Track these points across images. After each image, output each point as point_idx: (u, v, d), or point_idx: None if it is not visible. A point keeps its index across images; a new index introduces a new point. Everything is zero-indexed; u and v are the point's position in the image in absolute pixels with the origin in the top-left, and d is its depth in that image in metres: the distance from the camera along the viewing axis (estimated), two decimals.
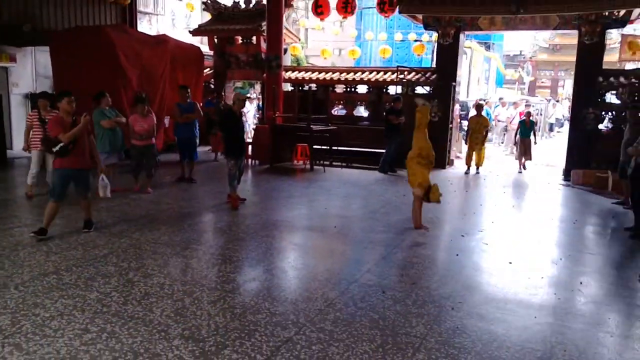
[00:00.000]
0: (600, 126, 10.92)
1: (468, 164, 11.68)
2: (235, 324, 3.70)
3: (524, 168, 12.37)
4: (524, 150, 12.29)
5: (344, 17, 13.12)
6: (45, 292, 4.17)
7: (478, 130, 11.54)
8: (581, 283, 4.77)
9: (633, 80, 10.34)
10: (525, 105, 18.63)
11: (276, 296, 4.28)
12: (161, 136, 11.43)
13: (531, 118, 12.96)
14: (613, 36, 20.15)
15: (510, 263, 5.29)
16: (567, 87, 35.67)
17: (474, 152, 11.62)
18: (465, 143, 12.69)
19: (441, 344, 3.49)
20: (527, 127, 12.39)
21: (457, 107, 13.44)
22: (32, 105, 11.38)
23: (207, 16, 15.50)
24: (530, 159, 12.46)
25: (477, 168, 11.72)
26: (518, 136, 12.54)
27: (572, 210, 8.19)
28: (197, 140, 9.45)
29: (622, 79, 10.61)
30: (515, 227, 6.97)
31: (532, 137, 12.35)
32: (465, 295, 4.41)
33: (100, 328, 3.57)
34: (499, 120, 18.33)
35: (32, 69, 12.81)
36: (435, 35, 19.20)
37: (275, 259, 5.49)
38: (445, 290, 4.49)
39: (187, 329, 3.59)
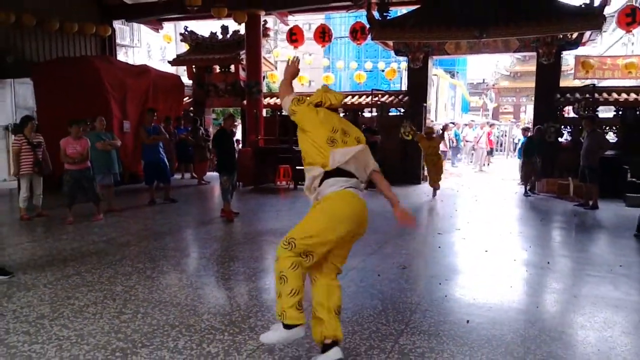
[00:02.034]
0: (560, 139, 11.90)
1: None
2: (254, 302, 4.22)
3: (532, 193, 10.98)
4: (532, 170, 11.07)
5: (323, 46, 13.93)
6: (73, 288, 4.58)
7: (431, 153, 10.74)
8: (548, 263, 5.47)
9: (587, 95, 11.41)
10: (490, 126, 19.82)
11: None
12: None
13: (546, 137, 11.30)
14: (569, 62, 21.58)
15: (486, 251, 5.97)
16: (528, 112, 37.46)
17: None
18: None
19: (433, 307, 4.09)
20: (534, 144, 11.02)
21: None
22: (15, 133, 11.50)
23: (184, 47, 16.14)
24: (539, 181, 11.21)
25: (434, 191, 10.68)
26: (521, 156, 10.88)
27: (538, 212, 8.98)
28: (166, 161, 9.48)
29: (577, 95, 11.68)
30: (488, 226, 7.67)
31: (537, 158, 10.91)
32: (450, 274, 5.04)
33: (134, 310, 4.02)
34: (467, 141, 19.39)
35: (12, 101, 12.89)
36: (403, 63, 20.37)
37: None
38: (432, 272, 5.11)
39: (212, 307, 4.08)
